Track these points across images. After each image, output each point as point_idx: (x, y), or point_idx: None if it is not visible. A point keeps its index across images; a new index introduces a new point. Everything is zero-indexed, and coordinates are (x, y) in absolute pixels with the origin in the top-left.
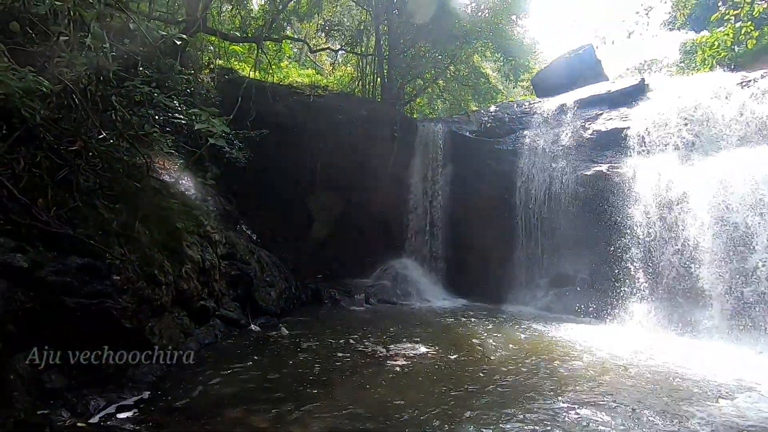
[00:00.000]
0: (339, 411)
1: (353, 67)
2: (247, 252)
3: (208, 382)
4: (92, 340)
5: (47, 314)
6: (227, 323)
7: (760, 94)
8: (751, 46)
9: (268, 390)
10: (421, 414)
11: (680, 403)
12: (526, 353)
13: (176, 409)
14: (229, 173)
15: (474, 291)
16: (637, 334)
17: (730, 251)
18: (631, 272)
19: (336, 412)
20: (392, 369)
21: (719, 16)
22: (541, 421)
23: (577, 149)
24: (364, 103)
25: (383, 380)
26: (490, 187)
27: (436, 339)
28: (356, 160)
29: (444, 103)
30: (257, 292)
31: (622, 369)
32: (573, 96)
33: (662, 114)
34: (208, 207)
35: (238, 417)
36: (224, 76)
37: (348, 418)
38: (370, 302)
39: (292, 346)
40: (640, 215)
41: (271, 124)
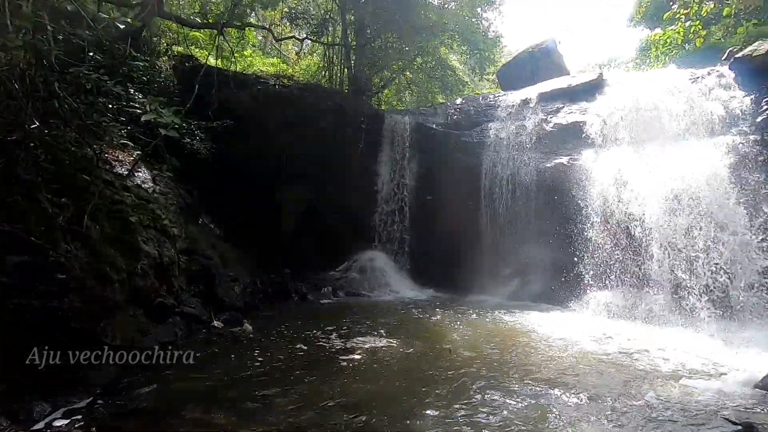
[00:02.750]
0: (302, 407)
1: (320, 57)
2: (209, 246)
3: (166, 382)
4: (37, 342)
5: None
6: (188, 320)
7: (707, 91)
8: (699, 44)
9: (229, 388)
10: (384, 406)
11: (634, 383)
12: (489, 341)
13: (131, 411)
14: (190, 165)
15: (441, 281)
16: (595, 321)
17: (678, 242)
18: (589, 261)
19: (299, 408)
20: (356, 362)
21: (671, 15)
22: (503, 404)
23: (539, 142)
24: (331, 93)
25: (347, 374)
26: (457, 178)
27: (403, 330)
28: (324, 152)
29: (411, 95)
30: (220, 288)
31: (581, 353)
32: (536, 90)
33: (618, 108)
34: (167, 200)
35: (198, 417)
36: (184, 64)
37: (310, 413)
38: (338, 295)
39: (256, 342)
40: (596, 206)
41: (235, 114)
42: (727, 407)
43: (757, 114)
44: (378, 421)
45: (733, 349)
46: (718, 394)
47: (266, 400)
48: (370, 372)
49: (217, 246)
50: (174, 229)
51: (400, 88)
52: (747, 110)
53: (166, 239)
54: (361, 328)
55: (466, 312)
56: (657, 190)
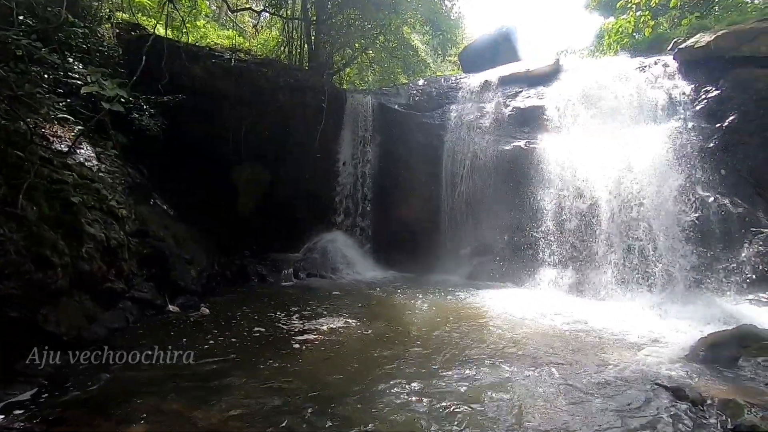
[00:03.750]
0: (260, 389)
1: (278, 31)
2: (162, 228)
3: (117, 370)
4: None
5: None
6: (140, 305)
7: (653, 79)
8: (648, 34)
9: (185, 374)
10: (343, 387)
11: (581, 355)
12: (447, 319)
13: (79, 401)
14: (139, 142)
15: (403, 262)
16: (548, 297)
17: (622, 222)
18: (543, 240)
19: (257, 391)
20: (317, 344)
21: (623, 4)
22: (463, 379)
23: (498, 125)
24: (291, 70)
25: (307, 356)
26: (419, 159)
27: (364, 311)
28: (283, 131)
29: (374, 74)
30: (174, 271)
31: (534, 328)
32: (496, 73)
33: (573, 94)
34: (114, 179)
35: (152, 404)
36: (130, 33)
37: (269, 396)
38: (299, 277)
39: (213, 326)
40: (549, 188)
41: (188, 88)
42: (661, 374)
43: (697, 102)
44: (340, 401)
45: (668, 321)
46: (655, 363)
47: (223, 384)
48: (331, 353)
49: (171, 228)
50: (122, 210)
51: (362, 67)
52: (688, 99)
53: (113, 221)
54: (322, 309)
55: (427, 292)
56: (605, 174)
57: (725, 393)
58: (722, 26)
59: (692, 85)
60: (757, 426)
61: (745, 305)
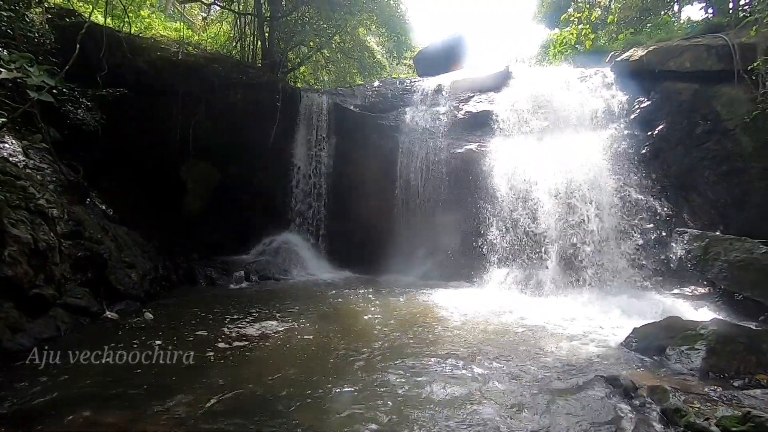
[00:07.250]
0: (201, 403)
1: (230, 25)
2: (99, 229)
3: (47, 383)
4: None
5: None
6: (74, 312)
7: (594, 89)
8: (589, 46)
9: (123, 385)
10: (291, 394)
11: (529, 348)
12: (400, 318)
13: (3, 416)
14: (75, 138)
15: (357, 262)
16: (497, 295)
17: (564, 222)
18: (492, 241)
19: (201, 399)
20: (266, 347)
21: (567, 18)
22: (416, 377)
23: (451, 128)
24: (243, 67)
25: (255, 360)
26: (373, 161)
27: (316, 312)
28: (235, 129)
29: (329, 74)
30: (113, 275)
31: (483, 324)
32: (449, 78)
33: (522, 99)
34: (44, 177)
35: (86, 417)
36: (64, 19)
37: (213, 404)
38: (251, 279)
39: (156, 334)
40: (498, 190)
41: (131, 82)
42: (601, 363)
43: (631, 112)
44: (290, 405)
45: (607, 315)
46: (596, 353)
47: (165, 393)
48: (280, 356)
49: (109, 229)
50: (53, 210)
51: (317, 67)
52: (624, 108)
53: (42, 221)
54: (272, 312)
55: (381, 292)
56: (549, 176)
57: (653, 380)
58: (653, 42)
59: (627, 95)
60: (680, 408)
61: (671, 299)
